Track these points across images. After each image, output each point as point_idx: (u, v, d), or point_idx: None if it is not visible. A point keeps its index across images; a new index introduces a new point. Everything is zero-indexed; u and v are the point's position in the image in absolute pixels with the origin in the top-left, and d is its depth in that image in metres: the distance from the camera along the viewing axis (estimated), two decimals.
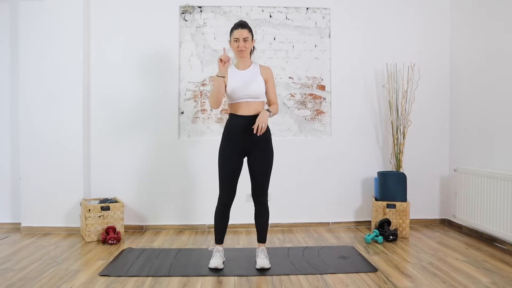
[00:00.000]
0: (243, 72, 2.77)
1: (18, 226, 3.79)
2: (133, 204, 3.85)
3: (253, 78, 2.74)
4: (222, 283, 2.52)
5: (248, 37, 2.73)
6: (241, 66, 2.80)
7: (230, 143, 2.74)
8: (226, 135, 2.77)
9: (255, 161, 2.76)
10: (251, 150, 2.75)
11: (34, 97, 3.70)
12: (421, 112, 3.96)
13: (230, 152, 2.74)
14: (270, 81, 2.80)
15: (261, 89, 2.74)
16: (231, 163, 2.74)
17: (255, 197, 2.81)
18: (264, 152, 2.76)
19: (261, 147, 2.74)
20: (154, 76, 3.86)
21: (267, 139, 2.77)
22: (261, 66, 2.84)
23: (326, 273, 2.65)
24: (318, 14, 3.96)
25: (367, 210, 3.97)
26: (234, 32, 2.73)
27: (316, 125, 3.99)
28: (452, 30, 3.98)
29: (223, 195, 2.79)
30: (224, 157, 2.75)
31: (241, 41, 2.71)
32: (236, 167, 2.76)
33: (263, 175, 2.76)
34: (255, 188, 2.79)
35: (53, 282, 2.49)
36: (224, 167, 2.75)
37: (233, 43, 2.74)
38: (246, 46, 2.72)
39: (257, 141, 2.73)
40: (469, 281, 2.50)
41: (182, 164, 3.86)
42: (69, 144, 3.70)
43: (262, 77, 2.77)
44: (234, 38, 2.72)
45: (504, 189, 3.09)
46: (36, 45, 3.68)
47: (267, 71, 2.81)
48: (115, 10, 3.83)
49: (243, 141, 2.72)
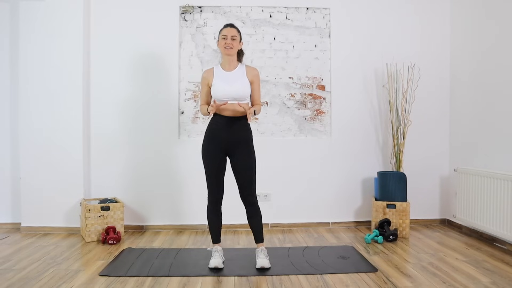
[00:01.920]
0: (228, 73, 2.79)
1: (18, 226, 3.79)
2: (133, 204, 3.85)
3: (238, 79, 2.76)
4: (222, 283, 2.52)
5: (236, 36, 2.77)
6: (227, 67, 2.82)
7: (212, 143, 2.78)
8: (209, 134, 2.81)
9: (237, 163, 2.79)
10: (232, 151, 2.78)
11: (34, 97, 3.69)
12: (421, 112, 3.96)
13: (213, 151, 2.78)
14: (256, 82, 2.83)
15: (245, 91, 2.76)
16: (214, 162, 2.78)
17: (244, 198, 2.82)
18: (245, 152, 2.78)
19: (241, 148, 2.77)
20: (154, 76, 3.86)
21: (247, 140, 2.80)
22: (248, 66, 2.86)
23: (326, 273, 2.65)
24: (318, 14, 3.96)
25: (367, 210, 3.97)
26: (223, 30, 2.79)
27: (316, 125, 3.99)
28: (452, 30, 3.98)
29: (211, 193, 2.83)
30: (207, 156, 2.80)
31: (229, 38, 2.75)
32: (220, 166, 2.80)
33: (247, 175, 2.78)
34: (242, 189, 2.81)
35: (53, 282, 2.49)
36: (208, 166, 2.80)
37: (221, 41, 2.78)
38: (234, 44, 2.75)
39: (237, 142, 2.77)
40: (469, 281, 2.50)
41: (182, 164, 3.86)
42: (69, 144, 3.70)
43: (247, 78, 2.79)
44: (223, 35, 2.76)
45: (504, 189, 3.09)
46: (36, 45, 3.68)
47: (253, 72, 2.83)
48: (115, 11, 3.83)
49: (225, 142, 2.76)
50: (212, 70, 2.85)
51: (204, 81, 2.85)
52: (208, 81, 2.83)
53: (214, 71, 2.83)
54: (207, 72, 2.86)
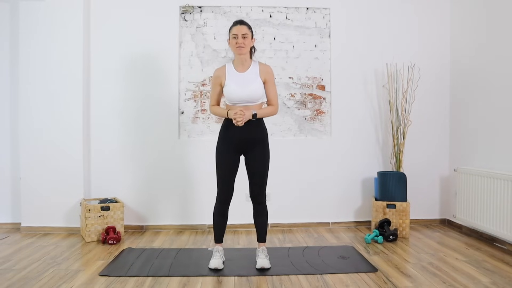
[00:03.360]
0: (241, 75, 2.72)
1: (18, 226, 3.79)
2: (133, 204, 3.85)
3: (251, 81, 2.70)
4: (222, 283, 2.52)
5: (247, 34, 2.66)
6: (240, 67, 2.74)
7: (226, 143, 2.75)
8: (223, 135, 2.77)
9: (252, 161, 2.76)
10: (248, 151, 2.76)
11: (34, 97, 3.69)
12: (421, 112, 3.96)
13: (227, 152, 2.75)
14: (270, 81, 2.76)
15: (258, 93, 2.70)
16: (227, 162, 2.75)
17: (254, 197, 2.81)
18: (261, 152, 2.75)
19: (257, 147, 2.75)
20: (154, 76, 3.86)
21: (263, 140, 2.77)
22: (261, 64, 2.78)
23: (326, 273, 2.65)
24: (318, 14, 3.96)
25: (367, 210, 3.97)
26: (232, 29, 2.68)
27: (316, 125, 3.99)
28: (452, 30, 3.98)
29: (221, 193, 2.80)
30: (221, 156, 2.76)
31: (240, 37, 2.64)
32: (233, 166, 2.77)
33: (260, 174, 2.76)
34: (253, 188, 2.79)
35: (53, 282, 2.49)
36: (221, 167, 2.76)
37: (232, 40, 2.67)
38: (245, 43, 2.65)
39: (253, 142, 2.73)
40: (469, 281, 2.50)
41: (182, 164, 3.86)
42: (69, 144, 3.70)
43: (261, 78, 2.72)
44: (233, 34, 2.66)
45: (504, 189, 3.09)
46: (36, 45, 3.68)
47: (266, 70, 2.76)
48: (115, 11, 3.83)
49: (239, 143, 2.73)
50: (225, 69, 2.75)
51: (217, 80, 2.77)
52: (220, 80, 2.75)
53: (226, 70, 2.74)
54: (219, 71, 2.77)
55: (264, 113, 2.75)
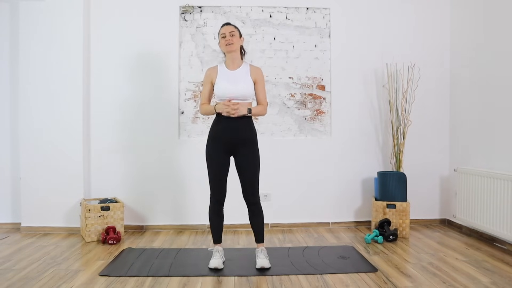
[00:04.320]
0: (232, 72, 2.79)
1: (18, 226, 3.79)
2: (133, 204, 3.85)
3: (242, 79, 2.76)
4: (222, 283, 2.52)
5: (234, 31, 2.77)
6: (230, 65, 2.81)
7: (216, 143, 2.77)
8: (212, 134, 2.80)
9: (242, 163, 2.78)
10: (237, 151, 2.77)
11: (34, 97, 3.70)
12: (421, 112, 3.96)
13: (217, 152, 2.77)
14: (260, 82, 2.82)
15: (248, 91, 2.76)
16: (218, 163, 2.77)
17: (247, 197, 2.81)
18: (251, 152, 2.77)
19: (247, 148, 2.76)
20: (154, 76, 3.86)
21: (252, 140, 2.79)
22: (252, 66, 2.85)
23: (326, 273, 2.65)
24: (318, 14, 3.96)
25: (367, 210, 3.97)
26: (220, 30, 2.80)
27: (316, 125, 3.99)
28: (452, 30, 3.98)
29: (214, 194, 2.82)
30: (211, 157, 2.78)
31: (228, 35, 2.75)
32: (224, 167, 2.79)
33: (251, 174, 2.77)
34: (245, 188, 2.80)
35: (53, 282, 2.49)
36: (212, 167, 2.79)
37: (221, 40, 2.78)
38: (233, 40, 2.75)
39: (242, 142, 2.75)
40: (469, 281, 2.50)
41: (182, 164, 3.86)
42: (69, 144, 3.70)
43: (251, 78, 2.79)
44: (221, 34, 2.78)
45: (504, 189, 3.09)
46: (36, 45, 3.68)
47: (257, 71, 2.82)
48: (115, 10, 3.83)
49: (229, 142, 2.75)
50: (216, 68, 2.84)
51: (208, 78, 2.84)
52: (211, 78, 2.83)
53: (218, 69, 2.83)
54: (211, 70, 2.86)
55: (257, 111, 2.81)
